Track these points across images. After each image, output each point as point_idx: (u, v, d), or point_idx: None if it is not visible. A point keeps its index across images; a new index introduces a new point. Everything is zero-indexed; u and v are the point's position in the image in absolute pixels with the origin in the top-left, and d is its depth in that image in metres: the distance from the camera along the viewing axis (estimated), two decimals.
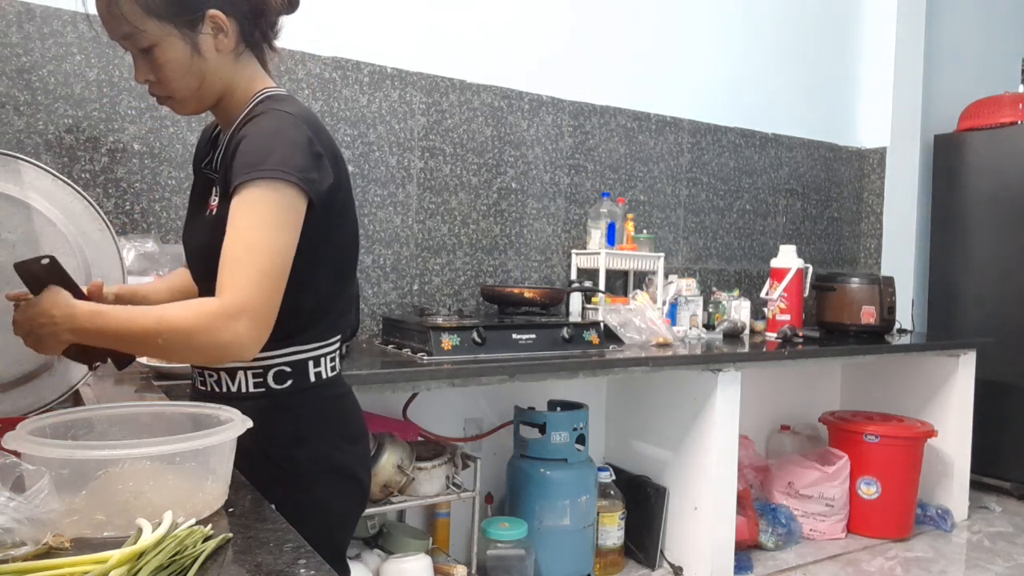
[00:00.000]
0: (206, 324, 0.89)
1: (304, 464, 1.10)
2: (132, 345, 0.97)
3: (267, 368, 1.08)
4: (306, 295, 1.07)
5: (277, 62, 1.25)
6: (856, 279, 3.27)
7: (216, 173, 1.11)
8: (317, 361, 1.11)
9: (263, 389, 1.09)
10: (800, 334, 3.02)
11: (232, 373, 1.09)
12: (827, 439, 3.31)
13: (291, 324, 1.07)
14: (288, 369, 1.09)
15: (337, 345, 1.16)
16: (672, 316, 2.90)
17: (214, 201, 1.09)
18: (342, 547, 1.20)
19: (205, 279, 1.06)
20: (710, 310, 3.08)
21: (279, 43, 1.19)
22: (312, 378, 1.11)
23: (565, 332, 2.30)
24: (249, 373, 1.08)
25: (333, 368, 1.15)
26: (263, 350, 1.04)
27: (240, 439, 0.84)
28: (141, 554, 0.63)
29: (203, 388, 1.14)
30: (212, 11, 1.03)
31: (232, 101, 1.11)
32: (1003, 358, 3.56)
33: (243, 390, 1.09)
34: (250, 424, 0.85)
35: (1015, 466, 3.65)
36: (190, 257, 1.17)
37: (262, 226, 0.94)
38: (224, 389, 1.11)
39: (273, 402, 1.08)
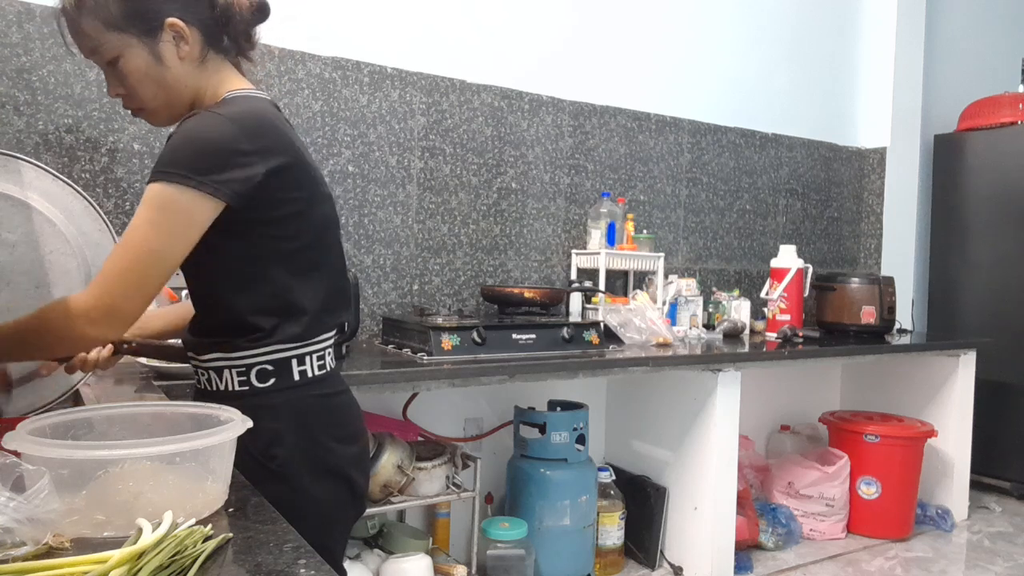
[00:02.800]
0: (56, 323, 1.00)
1: (288, 463, 1.09)
2: (21, 349, 1.07)
3: (249, 367, 1.09)
4: (270, 294, 1.08)
5: (277, 62, 1.26)
6: (856, 279, 3.27)
7: None
8: (301, 359, 1.11)
9: (247, 387, 1.09)
10: (800, 334, 3.02)
11: (219, 371, 1.10)
12: (827, 439, 3.31)
13: (264, 323, 1.08)
14: (270, 367, 1.09)
15: (326, 343, 1.15)
16: (672, 316, 2.90)
17: None
18: (333, 548, 1.18)
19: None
20: (710, 310, 3.08)
21: (279, 43, 1.19)
22: (296, 376, 1.11)
23: (565, 332, 2.30)
24: (234, 371, 1.09)
25: (321, 367, 1.14)
26: (245, 348, 1.07)
27: None
28: (141, 554, 0.63)
29: (199, 386, 1.16)
30: (170, 19, 1.06)
31: (202, 108, 1.11)
32: (1003, 358, 3.56)
33: (230, 388, 1.10)
34: (250, 424, 0.85)
35: (1015, 466, 3.65)
36: None
37: (140, 226, 0.99)
38: (215, 387, 1.11)
39: (257, 400, 1.08)
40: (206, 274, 1.12)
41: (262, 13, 1.15)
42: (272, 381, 1.09)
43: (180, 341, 1.22)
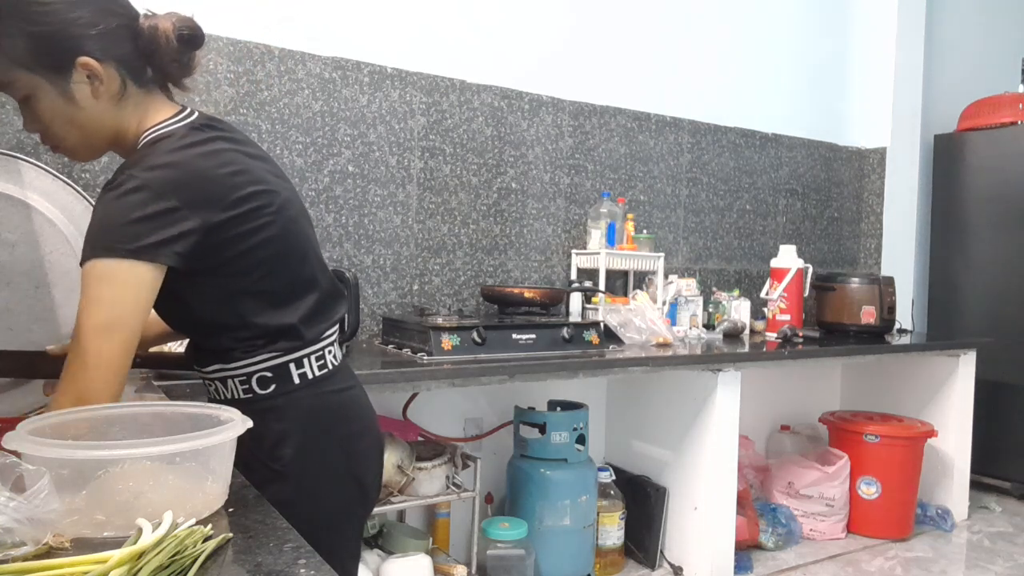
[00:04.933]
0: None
1: (293, 463, 1.10)
2: None
3: (250, 375, 1.09)
4: (252, 325, 1.07)
5: (277, 62, 1.24)
6: (856, 279, 3.27)
7: None
8: (299, 363, 1.11)
9: (251, 395, 1.10)
10: (800, 334, 3.02)
11: (224, 381, 1.11)
12: (827, 439, 3.31)
13: (255, 343, 1.08)
14: (269, 374, 1.09)
15: (325, 343, 1.15)
16: (672, 316, 2.89)
17: None
18: (341, 548, 1.18)
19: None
20: (710, 310, 3.08)
21: (280, 43, 1.18)
22: (296, 380, 1.11)
23: (565, 332, 2.29)
24: (236, 380, 1.10)
25: (322, 366, 1.14)
26: (243, 358, 1.08)
27: None
28: (141, 554, 0.63)
29: (210, 396, 1.16)
30: (82, 59, 0.99)
31: (124, 146, 1.08)
32: (1003, 358, 3.56)
33: (235, 396, 1.10)
34: (250, 424, 0.85)
35: (1015, 466, 3.65)
36: None
37: (86, 307, 0.93)
38: (222, 396, 1.12)
39: (261, 405, 1.08)
40: (182, 324, 1.13)
41: (192, 43, 1.07)
42: (273, 387, 1.10)
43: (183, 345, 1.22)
